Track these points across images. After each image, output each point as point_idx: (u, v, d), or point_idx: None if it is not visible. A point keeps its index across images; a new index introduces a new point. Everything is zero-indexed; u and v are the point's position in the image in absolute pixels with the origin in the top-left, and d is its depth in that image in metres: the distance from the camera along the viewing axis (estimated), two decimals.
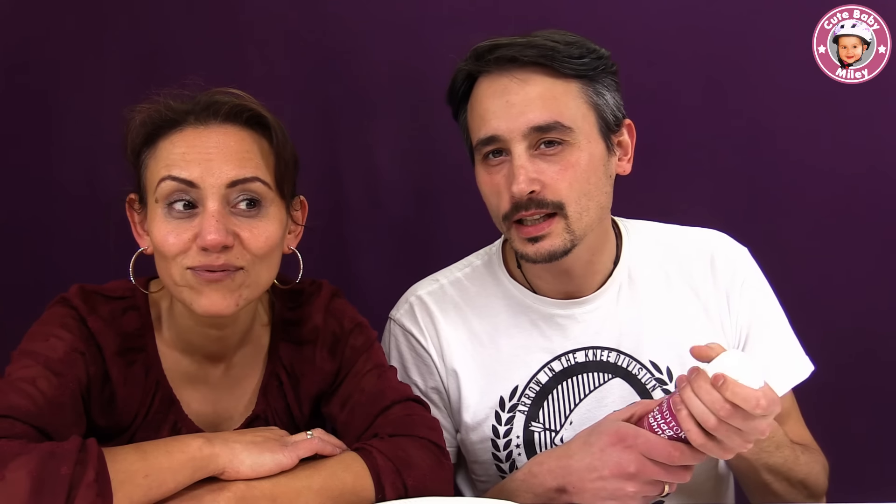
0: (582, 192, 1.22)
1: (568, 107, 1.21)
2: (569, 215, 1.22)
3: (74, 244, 1.73)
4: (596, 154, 1.24)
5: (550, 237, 1.22)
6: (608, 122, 1.26)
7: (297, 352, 1.25)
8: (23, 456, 0.93)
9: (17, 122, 1.72)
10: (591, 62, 1.22)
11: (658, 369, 1.34)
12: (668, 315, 1.35)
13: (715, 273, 1.36)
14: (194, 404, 1.20)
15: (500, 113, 1.21)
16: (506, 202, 1.23)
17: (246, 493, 1.02)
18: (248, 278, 1.11)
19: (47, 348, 1.10)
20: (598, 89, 1.24)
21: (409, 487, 1.09)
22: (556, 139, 1.21)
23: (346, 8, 1.75)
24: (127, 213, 1.19)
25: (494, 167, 1.24)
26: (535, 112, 1.20)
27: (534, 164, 1.20)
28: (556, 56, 1.20)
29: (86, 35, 1.71)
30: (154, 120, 1.13)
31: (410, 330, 1.38)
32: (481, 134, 1.23)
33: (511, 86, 1.21)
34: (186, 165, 1.08)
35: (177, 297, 1.13)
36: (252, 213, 1.11)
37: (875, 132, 1.78)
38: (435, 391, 1.37)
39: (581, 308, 1.34)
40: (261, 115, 1.15)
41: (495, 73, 1.22)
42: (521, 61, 1.20)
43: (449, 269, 1.44)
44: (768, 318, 1.38)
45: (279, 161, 1.15)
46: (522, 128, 1.20)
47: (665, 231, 1.42)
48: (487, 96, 1.23)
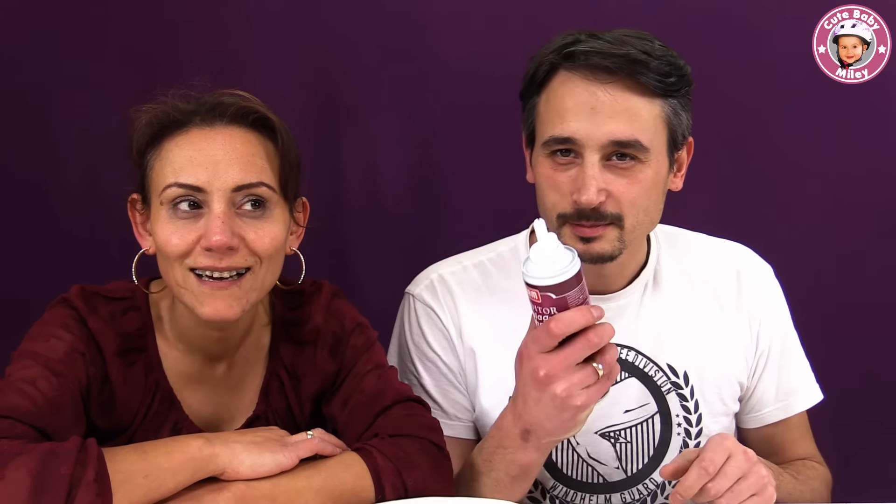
0: (641, 207, 1.23)
1: (649, 126, 1.20)
2: (625, 227, 1.22)
3: (74, 244, 1.73)
4: (661, 172, 1.25)
5: (602, 241, 1.22)
6: (676, 141, 1.26)
7: (298, 352, 1.25)
8: (23, 456, 0.93)
9: (17, 122, 1.72)
10: (677, 82, 1.22)
11: (675, 373, 1.34)
12: (690, 320, 1.36)
13: (740, 289, 1.38)
14: (195, 405, 1.20)
15: (582, 117, 1.19)
16: (568, 204, 1.22)
17: (246, 493, 1.02)
18: (254, 281, 1.12)
19: (47, 349, 1.10)
20: (677, 109, 1.24)
21: (410, 488, 1.09)
22: (630, 154, 1.20)
23: (347, 7, 1.75)
24: (129, 213, 1.19)
25: (561, 165, 1.23)
26: (618, 125, 1.18)
27: (603, 175, 1.20)
28: (647, 73, 1.18)
29: (86, 35, 1.71)
30: (160, 121, 1.13)
31: (431, 305, 1.37)
32: (557, 132, 1.21)
33: (599, 93, 1.19)
34: (193, 170, 1.09)
35: (179, 299, 1.13)
36: (257, 214, 1.12)
37: (875, 132, 1.78)
38: (456, 365, 1.36)
39: (605, 304, 1.30)
40: (267, 117, 1.15)
41: (583, 73, 1.20)
42: (613, 70, 1.18)
43: (473, 253, 1.43)
44: (787, 342, 1.40)
45: (284, 164, 1.15)
46: (603, 138, 1.18)
47: (693, 239, 1.43)
48: (572, 96, 1.21)
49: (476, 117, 1.75)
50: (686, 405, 1.35)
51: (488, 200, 1.77)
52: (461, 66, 1.75)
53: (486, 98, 1.73)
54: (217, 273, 1.09)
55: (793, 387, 1.40)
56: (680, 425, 1.35)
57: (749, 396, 1.40)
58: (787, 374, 1.39)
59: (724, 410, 1.37)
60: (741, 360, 1.37)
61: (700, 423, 1.35)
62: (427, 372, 1.38)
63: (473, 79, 1.74)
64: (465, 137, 1.76)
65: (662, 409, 1.34)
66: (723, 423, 1.37)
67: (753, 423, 1.41)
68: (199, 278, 1.09)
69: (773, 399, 1.39)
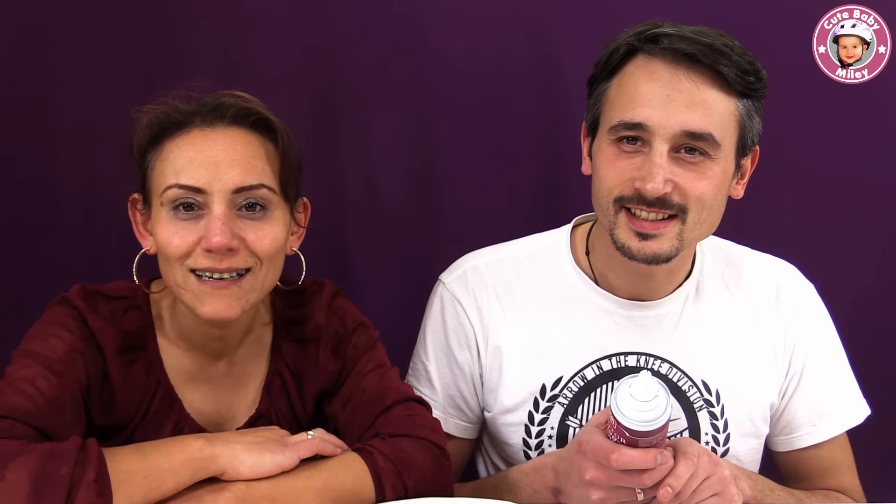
0: (706, 204, 1.18)
1: (724, 121, 1.17)
2: (687, 221, 1.18)
3: (74, 244, 1.72)
4: (728, 172, 1.21)
5: (661, 239, 1.18)
6: (745, 145, 1.22)
7: (300, 350, 1.25)
8: (23, 456, 0.94)
9: (17, 122, 1.71)
10: (756, 82, 1.18)
11: (708, 390, 1.31)
12: (727, 336, 1.32)
13: (778, 303, 1.35)
14: (197, 403, 1.20)
15: (656, 103, 1.15)
16: (628, 188, 1.17)
17: (246, 493, 1.02)
18: (254, 282, 1.12)
19: (47, 348, 1.10)
20: (751, 112, 1.21)
21: (410, 488, 1.10)
22: (700, 149, 1.16)
23: (347, 5, 1.75)
24: (129, 213, 1.19)
25: (626, 153, 1.18)
26: (693, 116, 1.14)
27: (670, 166, 1.16)
28: (729, 64, 1.15)
29: (87, 32, 1.70)
30: (160, 121, 1.13)
31: (459, 298, 1.34)
32: (627, 117, 1.17)
33: (678, 79, 1.15)
34: (194, 172, 1.09)
35: (179, 298, 1.13)
36: (257, 215, 1.12)
37: (875, 132, 1.78)
38: (468, 365, 1.34)
39: (644, 312, 1.30)
40: (267, 118, 1.15)
41: (664, 59, 1.16)
42: (696, 58, 1.15)
43: (509, 245, 1.39)
44: (826, 357, 1.36)
45: (284, 165, 1.15)
46: (676, 127, 1.14)
47: (737, 252, 1.40)
48: (650, 80, 1.16)
49: (477, 117, 1.75)
50: (716, 423, 1.32)
51: (488, 199, 1.76)
52: (462, 65, 1.74)
53: (487, 97, 1.73)
54: (217, 273, 1.09)
55: (828, 411, 1.34)
56: (707, 444, 1.31)
57: (779, 417, 1.35)
58: (823, 398, 1.34)
59: (754, 432, 1.33)
60: (773, 379, 1.33)
61: (728, 442, 1.32)
62: (436, 361, 1.36)
63: (474, 78, 1.74)
64: (465, 137, 1.76)
65: (692, 426, 1.31)
66: (751, 445, 1.34)
67: (784, 446, 1.37)
68: (199, 278, 1.10)
69: (806, 423, 1.34)
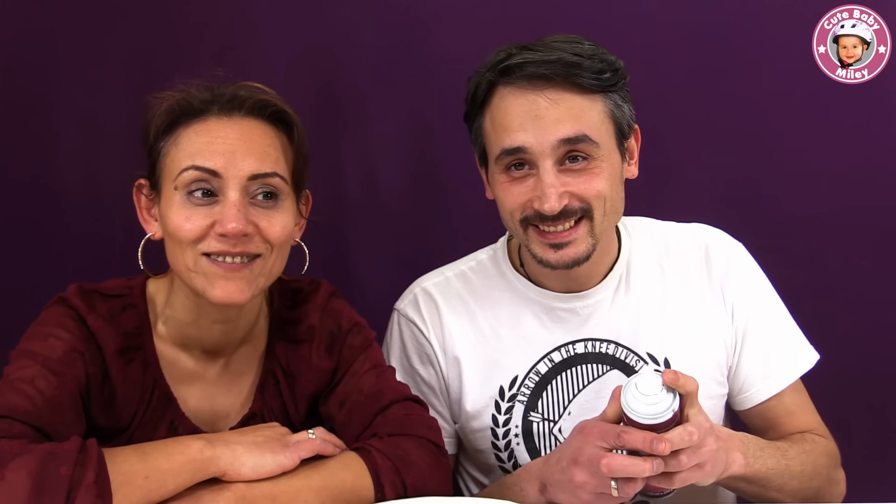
0: (606, 197, 1.26)
1: (593, 121, 1.24)
2: (594, 217, 1.25)
3: (74, 244, 1.72)
4: (615, 164, 1.28)
5: (575, 244, 1.26)
6: (623, 132, 1.29)
7: (293, 350, 1.25)
8: (23, 456, 0.94)
9: (17, 122, 1.72)
10: (612, 77, 1.25)
11: (655, 361, 1.36)
12: (665, 307, 1.37)
13: (710, 266, 1.39)
14: (191, 401, 1.20)
15: (528, 126, 1.22)
16: (528, 209, 1.25)
17: (246, 492, 1.02)
18: (264, 267, 1.14)
19: (46, 348, 1.10)
20: (618, 102, 1.27)
21: (409, 486, 1.10)
22: (581, 153, 1.23)
23: (347, 6, 1.75)
24: (134, 198, 1.20)
25: (517, 179, 1.26)
26: (564, 125, 1.22)
27: (560, 179, 1.23)
28: (582, 73, 1.22)
29: (88, 32, 1.71)
30: (179, 107, 1.14)
31: (413, 320, 1.41)
32: (506, 144, 1.24)
33: (539, 101, 1.22)
34: (211, 155, 1.10)
35: (188, 283, 1.13)
36: (269, 204, 1.14)
37: (875, 132, 1.78)
38: (434, 380, 1.39)
39: (581, 302, 1.36)
40: (283, 111, 1.17)
41: (521, 85, 1.24)
42: (549, 77, 1.22)
43: (455, 264, 1.47)
44: (766, 310, 1.40)
45: (297, 157, 1.18)
46: (552, 141, 1.22)
47: (660, 227, 1.45)
48: (514, 108, 1.24)
49: None
50: None
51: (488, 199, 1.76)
52: (461, 63, 1.73)
53: None
54: (230, 257, 1.11)
55: (779, 361, 1.38)
56: None
57: (734, 376, 1.39)
58: (771, 350, 1.38)
59: (708, 393, 1.35)
60: (720, 339, 1.37)
61: None
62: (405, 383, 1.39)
63: None
64: (464, 134, 1.76)
65: None
66: (707, 406, 1.31)
67: (746, 403, 1.40)
68: (212, 261, 1.10)
69: (761, 377, 1.38)
